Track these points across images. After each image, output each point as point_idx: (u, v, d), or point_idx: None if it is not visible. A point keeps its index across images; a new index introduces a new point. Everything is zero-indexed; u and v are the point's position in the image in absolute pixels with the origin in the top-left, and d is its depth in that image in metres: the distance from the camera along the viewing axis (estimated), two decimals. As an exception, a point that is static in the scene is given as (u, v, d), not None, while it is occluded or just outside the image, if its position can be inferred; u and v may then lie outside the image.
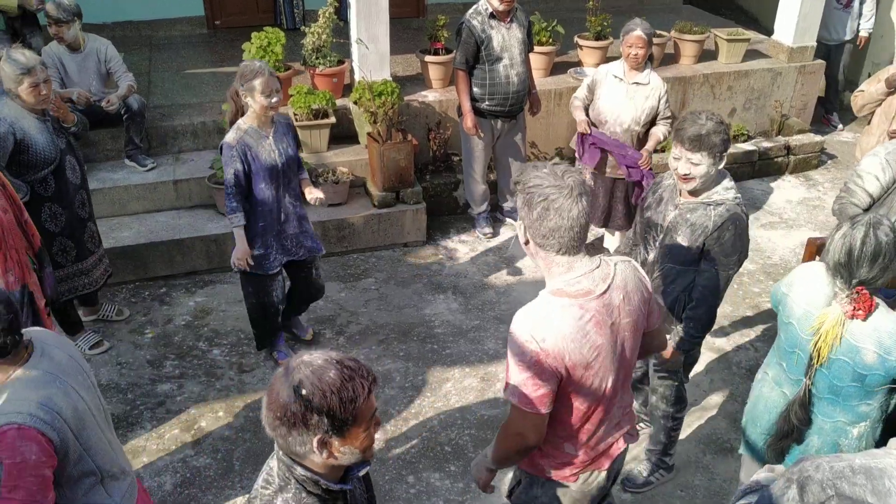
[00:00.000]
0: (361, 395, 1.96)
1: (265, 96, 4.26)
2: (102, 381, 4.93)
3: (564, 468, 2.73)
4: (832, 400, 2.97)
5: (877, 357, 2.78)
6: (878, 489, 1.69)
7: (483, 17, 5.80)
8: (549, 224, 2.39)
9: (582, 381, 2.48)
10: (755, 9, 11.37)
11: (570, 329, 2.40)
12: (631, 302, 2.54)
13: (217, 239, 5.95)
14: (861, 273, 2.74)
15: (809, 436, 3.10)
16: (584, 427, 2.63)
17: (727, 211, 3.45)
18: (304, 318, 5.52)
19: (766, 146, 7.77)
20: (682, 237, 3.51)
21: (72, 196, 4.72)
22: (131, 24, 8.58)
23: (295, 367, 1.94)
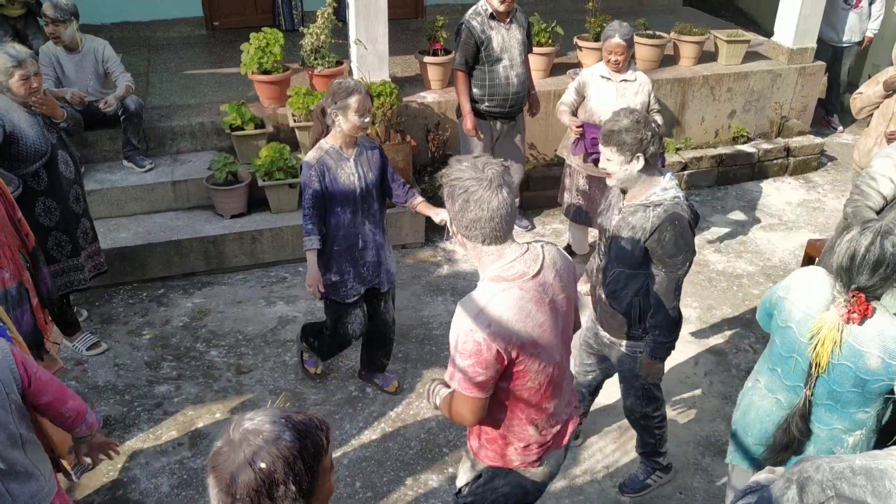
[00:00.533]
0: (322, 449, 1.82)
1: (359, 115, 4.03)
2: (99, 383, 4.91)
3: (530, 453, 2.82)
4: (830, 406, 2.94)
5: (881, 362, 2.74)
6: (879, 490, 1.68)
7: (483, 18, 5.79)
8: (469, 216, 2.48)
9: (532, 359, 2.58)
10: (755, 10, 11.36)
11: (514, 310, 2.50)
12: (562, 279, 2.67)
13: (215, 240, 5.94)
14: (861, 280, 2.71)
15: (805, 444, 3.06)
16: (543, 405, 2.73)
17: (664, 212, 3.39)
18: (303, 320, 5.51)
19: (766, 148, 7.77)
20: (625, 241, 3.50)
21: (66, 190, 4.71)
22: (130, 24, 8.58)
23: (241, 438, 1.74)
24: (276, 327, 5.46)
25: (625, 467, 4.41)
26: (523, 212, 6.78)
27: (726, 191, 7.49)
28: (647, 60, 7.66)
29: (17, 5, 6.33)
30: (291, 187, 6.14)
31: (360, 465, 4.37)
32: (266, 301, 5.75)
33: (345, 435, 4.57)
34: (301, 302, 5.73)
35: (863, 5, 8.21)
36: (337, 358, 5.15)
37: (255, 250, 6.08)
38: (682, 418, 4.75)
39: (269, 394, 4.86)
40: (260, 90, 6.71)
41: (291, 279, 6.00)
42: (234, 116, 6.27)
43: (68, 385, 4.83)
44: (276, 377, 5.00)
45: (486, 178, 2.45)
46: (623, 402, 4.09)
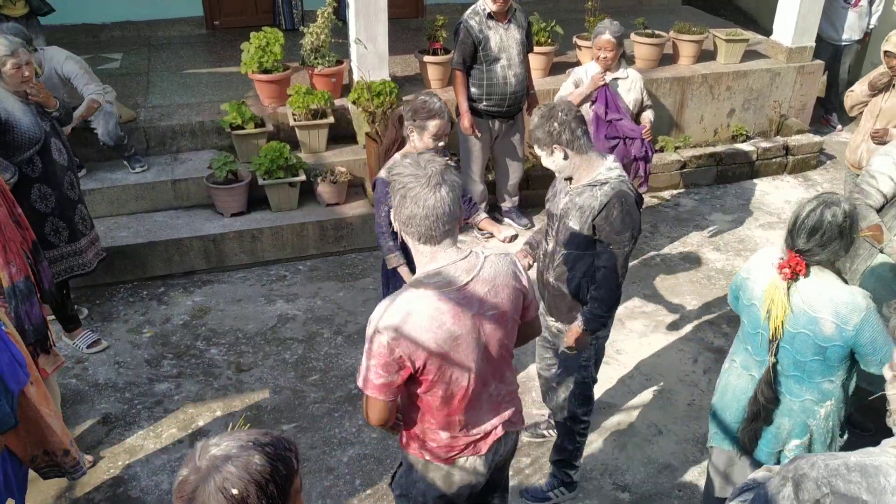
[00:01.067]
0: (293, 471, 1.77)
1: (434, 139, 3.91)
2: (100, 380, 4.93)
3: (440, 451, 2.78)
4: (798, 378, 3.07)
5: (835, 327, 2.89)
6: (874, 487, 1.69)
7: (481, 18, 5.80)
8: (406, 212, 2.43)
9: (442, 370, 2.54)
10: (754, 9, 11.37)
11: (425, 319, 2.46)
12: (498, 295, 2.58)
13: (215, 239, 5.96)
14: (799, 243, 2.91)
15: (779, 418, 3.18)
16: (454, 414, 2.69)
17: (612, 189, 3.39)
18: (302, 318, 5.53)
19: (765, 146, 7.78)
20: (574, 221, 3.48)
21: (60, 177, 4.77)
22: (130, 24, 8.59)
23: (209, 465, 1.69)
24: (276, 325, 5.47)
25: (623, 465, 4.42)
26: (522, 210, 6.80)
27: (725, 189, 7.50)
28: (646, 59, 7.67)
29: (20, 5, 6.34)
30: (291, 186, 6.16)
31: (360, 463, 4.38)
32: (266, 299, 5.76)
33: (344, 433, 4.58)
34: (301, 300, 5.75)
35: (862, 4, 8.21)
36: (337, 357, 5.16)
37: (256, 249, 6.09)
38: (682, 416, 4.77)
39: (269, 392, 4.87)
40: (260, 89, 6.72)
41: (291, 277, 6.02)
42: (234, 115, 6.28)
43: (69, 383, 4.86)
44: (276, 375, 5.01)
45: (426, 175, 2.41)
46: (556, 397, 4.02)
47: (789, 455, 3.23)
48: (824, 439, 3.19)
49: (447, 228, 2.47)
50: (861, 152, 5.35)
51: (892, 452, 1.85)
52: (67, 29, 8.21)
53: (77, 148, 6.27)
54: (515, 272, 2.68)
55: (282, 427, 4.61)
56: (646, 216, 6.98)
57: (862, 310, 2.88)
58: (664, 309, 5.72)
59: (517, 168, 6.46)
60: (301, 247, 6.20)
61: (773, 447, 3.25)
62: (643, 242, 6.53)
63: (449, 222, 2.46)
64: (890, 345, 2.87)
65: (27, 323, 3.73)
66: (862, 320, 2.88)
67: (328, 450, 4.47)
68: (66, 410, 4.59)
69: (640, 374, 5.11)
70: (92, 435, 4.54)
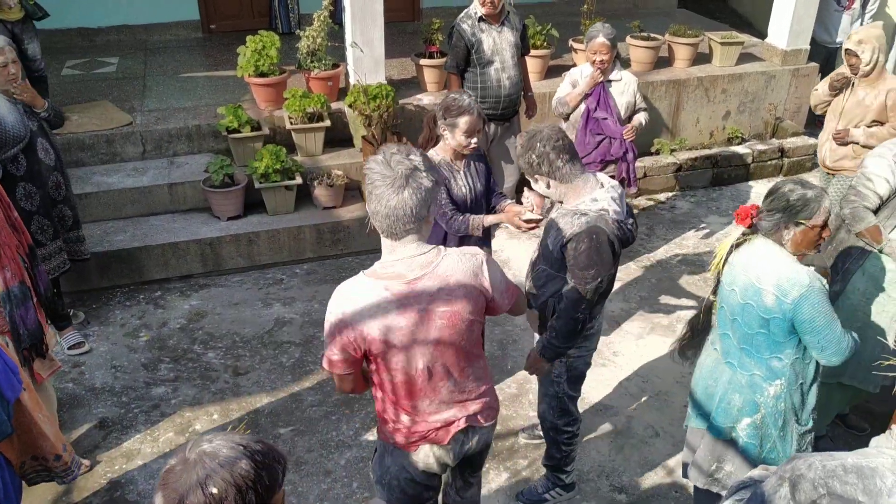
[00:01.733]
0: (277, 483, 1.76)
1: (466, 136, 3.92)
2: (97, 384, 4.93)
3: (403, 437, 2.90)
4: (747, 351, 3.22)
5: (774, 299, 3.03)
6: (870, 488, 1.70)
7: (473, 21, 5.81)
8: (371, 206, 2.61)
9: (388, 357, 2.69)
10: (749, 12, 11.40)
11: (370, 308, 2.61)
12: (452, 293, 2.67)
13: (212, 242, 5.96)
14: (763, 203, 3.20)
15: (730, 393, 3.33)
16: (412, 400, 2.82)
17: (586, 223, 3.31)
18: (299, 322, 5.53)
19: (761, 149, 7.80)
20: (550, 240, 3.47)
21: (45, 177, 4.82)
22: (127, 28, 8.58)
23: (196, 459, 1.68)
24: (273, 329, 5.47)
25: (620, 466, 4.43)
26: (519, 213, 6.79)
27: (721, 191, 7.52)
28: (641, 62, 7.69)
29: (15, 10, 6.33)
30: (288, 189, 6.16)
31: (357, 466, 4.38)
32: (263, 303, 5.76)
33: (342, 436, 4.58)
34: (298, 303, 5.75)
35: (855, 7, 8.24)
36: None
37: (252, 252, 6.09)
38: (678, 418, 4.77)
39: (267, 395, 4.87)
40: (256, 93, 6.73)
41: (288, 281, 6.02)
42: (230, 119, 6.28)
43: (65, 387, 4.86)
44: (274, 378, 5.01)
45: (392, 176, 2.52)
46: (537, 405, 4.04)
47: (742, 434, 3.36)
48: (775, 420, 3.28)
49: (408, 228, 2.60)
50: (825, 151, 5.46)
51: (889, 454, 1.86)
52: (63, 33, 8.21)
53: (74, 151, 6.29)
54: (477, 273, 2.73)
55: (279, 430, 4.61)
56: (642, 219, 7.00)
57: (803, 286, 2.99)
58: (660, 311, 5.73)
59: (513, 171, 6.46)
60: (298, 250, 6.21)
61: (725, 422, 3.38)
62: (639, 245, 6.55)
63: (410, 222, 2.58)
64: (833, 332, 3.03)
65: (22, 328, 3.72)
66: (801, 296, 2.99)
67: (325, 453, 4.47)
68: (62, 415, 4.59)
69: (636, 376, 5.12)
70: (89, 439, 4.54)
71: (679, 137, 7.82)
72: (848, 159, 5.33)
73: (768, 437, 3.33)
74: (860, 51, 5.09)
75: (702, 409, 3.54)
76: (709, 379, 3.46)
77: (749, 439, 3.35)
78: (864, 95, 5.25)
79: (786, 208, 3.08)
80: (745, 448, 3.38)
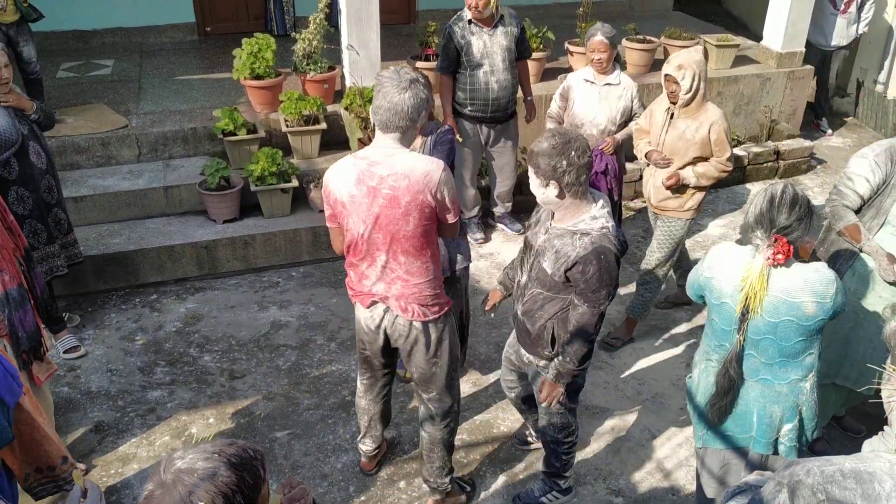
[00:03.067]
0: (260, 479, 1.77)
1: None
2: (92, 388, 4.91)
3: (350, 289, 3.66)
4: (783, 363, 3.19)
5: (816, 305, 3.05)
6: (868, 493, 1.70)
7: (464, 24, 5.82)
8: (375, 102, 3.24)
9: (341, 216, 3.40)
10: (744, 15, 11.43)
11: (339, 172, 3.34)
12: (397, 182, 3.22)
13: (208, 245, 5.95)
14: (781, 219, 3.01)
15: (770, 406, 3.27)
16: (355, 258, 3.50)
17: (591, 244, 3.23)
18: (296, 325, 5.53)
19: (756, 151, 7.80)
20: (547, 263, 3.36)
21: (38, 180, 4.82)
22: (122, 30, 8.58)
23: (174, 479, 1.68)
24: (269, 332, 5.47)
25: (617, 469, 4.43)
26: (515, 215, 6.80)
27: (717, 194, 7.52)
28: (637, 65, 7.70)
29: (10, 11, 6.32)
30: (284, 192, 6.16)
31: (354, 470, 4.37)
32: (259, 306, 5.76)
33: (338, 440, 4.58)
34: (294, 307, 5.74)
35: (851, 10, 8.26)
36: (331, 363, 5.16)
37: (248, 255, 6.08)
38: (675, 420, 4.78)
39: (263, 399, 4.87)
40: (252, 95, 6.72)
41: (284, 284, 6.01)
42: (226, 122, 6.28)
43: (61, 391, 4.85)
44: (270, 382, 5.01)
45: (399, 79, 3.22)
46: (538, 421, 4.00)
47: (784, 441, 3.33)
48: (812, 413, 3.31)
49: (399, 125, 3.23)
50: (650, 189, 5.15)
51: (885, 457, 1.86)
52: (58, 35, 8.21)
53: (69, 154, 6.28)
54: (428, 178, 3.24)
55: (275, 434, 4.60)
56: (637, 221, 7.01)
57: (832, 280, 3.08)
58: (656, 314, 5.73)
59: (510, 173, 6.47)
60: (294, 253, 6.20)
61: (769, 436, 3.34)
62: (634, 247, 6.55)
63: (403, 120, 3.21)
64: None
65: (21, 330, 3.71)
66: (836, 289, 3.07)
67: (322, 456, 4.46)
68: (58, 419, 4.57)
69: (633, 379, 5.12)
70: (84, 443, 4.53)
71: (675, 140, 7.83)
72: (673, 199, 5.05)
73: (807, 429, 3.36)
74: (680, 76, 4.66)
75: (718, 430, 3.43)
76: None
77: (790, 443, 3.33)
78: (684, 128, 4.84)
79: (810, 210, 3.07)
80: (789, 452, 3.36)
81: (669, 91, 4.79)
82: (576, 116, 5.50)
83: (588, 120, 5.47)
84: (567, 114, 5.57)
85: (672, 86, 4.74)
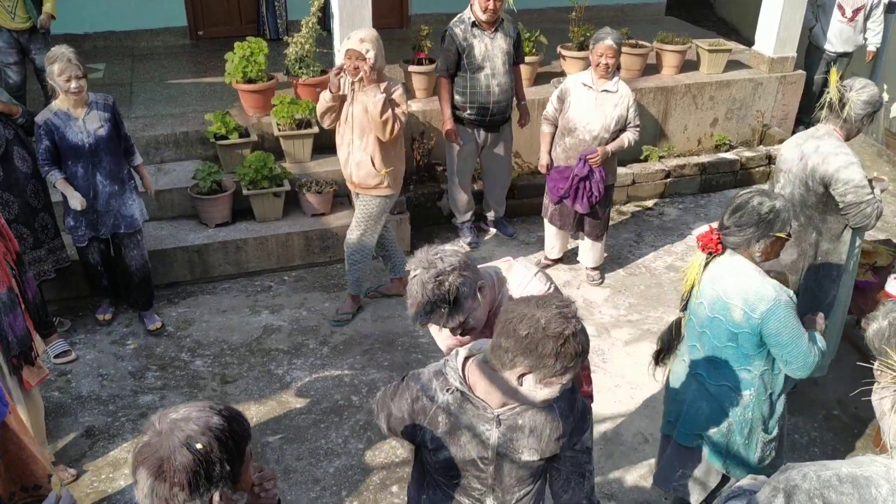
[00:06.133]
0: (247, 433, 1.92)
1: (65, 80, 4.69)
2: (83, 393, 4.89)
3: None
4: (716, 363, 3.25)
5: (742, 314, 3.06)
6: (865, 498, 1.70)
7: (466, 26, 5.81)
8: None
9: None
10: (736, 20, 11.46)
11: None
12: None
13: (199, 249, 5.92)
14: (724, 218, 3.15)
15: (698, 401, 3.39)
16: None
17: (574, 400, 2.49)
18: (288, 329, 5.51)
19: (748, 156, 7.82)
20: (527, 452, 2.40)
21: (23, 185, 4.86)
22: (113, 34, 8.55)
23: (169, 427, 1.79)
24: (260, 336, 5.45)
25: (610, 473, 4.42)
26: (508, 220, 6.80)
27: (709, 198, 7.53)
28: (629, 69, 7.71)
29: (20, 19, 6.28)
30: (276, 196, 6.14)
31: (347, 474, 4.36)
32: (251, 310, 5.73)
33: (330, 444, 4.56)
34: (286, 311, 5.72)
35: (858, 19, 8.29)
36: (323, 368, 5.15)
37: (240, 259, 6.06)
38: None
39: (255, 403, 4.84)
40: (244, 99, 6.70)
41: (276, 288, 5.99)
42: (218, 125, 6.26)
43: (51, 396, 4.82)
44: (262, 386, 4.99)
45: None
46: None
47: (708, 442, 3.43)
48: (741, 429, 3.32)
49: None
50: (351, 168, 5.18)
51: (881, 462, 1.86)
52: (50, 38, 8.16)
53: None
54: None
55: (268, 438, 4.58)
56: (630, 225, 7.01)
57: (769, 300, 3.02)
58: (649, 317, 5.73)
59: (504, 178, 6.47)
60: (286, 257, 6.18)
61: (691, 429, 3.45)
62: (628, 251, 6.55)
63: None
64: (798, 346, 3.05)
65: (10, 334, 3.69)
66: (768, 310, 3.02)
67: (314, 461, 4.44)
68: (49, 424, 4.54)
69: (626, 383, 5.12)
70: (75, 448, 4.50)
71: (667, 144, 7.84)
72: (372, 178, 5.14)
73: (733, 444, 3.37)
74: (364, 49, 4.71)
75: (670, 417, 3.61)
76: (677, 388, 3.52)
77: (714, 447, 3.39)
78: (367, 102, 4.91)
79: (759, 222, 3.07)
80: (709, 456, 3.43)
81: (354, 67, 4.79)
82: (570, 120, 5.50)
83: (582, 125, 5.46)
84: (562, 117, 5.57)
85: (357, 61, 4.75)
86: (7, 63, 6.37)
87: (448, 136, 6.07)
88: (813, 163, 4.16)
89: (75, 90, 4.68)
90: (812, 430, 4.74)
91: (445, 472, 2.47)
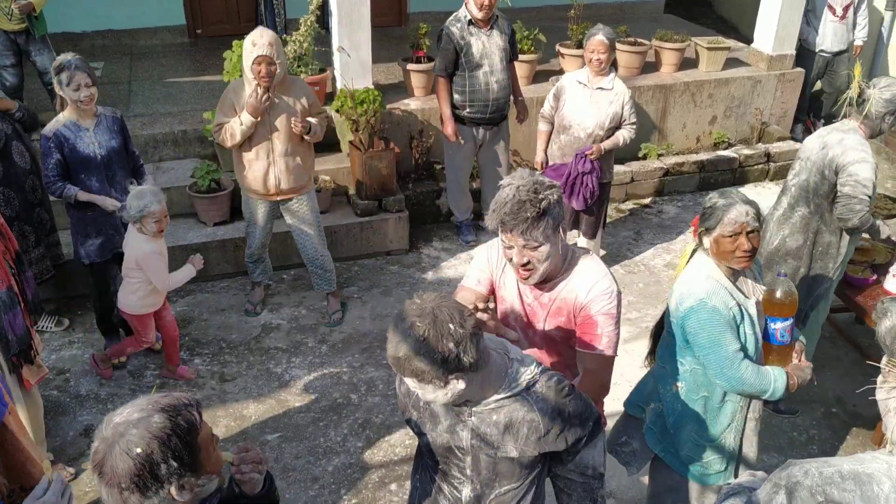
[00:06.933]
0: (196, 423, 1.90)
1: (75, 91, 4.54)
2: (82, 392, 4.88)
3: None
4: (664, 345, 3.31)
5: (674, 304, 3.12)
6: (867, 495, 1.69)
7: (462, 24, 5.81)
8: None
9: None
10: (735, 18, 11.45)
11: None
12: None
13: (198, 248, 5.90)
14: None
15: (649, 375, 3.52)
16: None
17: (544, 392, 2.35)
18: (286, 328, 5.50)
19: (747, 153, 7.82)
20: (509, 447, 2.37)
21: (22, 180, 4.86)
22: (112, 32, 8.54)
23: (113, 433, 1.82)
24: (259, 335, 5.44)
25: (609, 471, 4.40)
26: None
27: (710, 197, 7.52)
28: (628, 67, 7.70)
29: (15, 20, 6.26)
30: (275, 195, 6.13)
31: (346, 472, 4.35)
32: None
33: (329, 442, 4.56)
34: (285, 309, 5.72)
35: (849, 16, 8.29)
36: (322, 366, 5.14)
37: (239, 258, 6.05)
38: (667, 423, 4.77)
39: (253, 401, 4.84)
40: (243, 97, 6.69)
41: (275, 287, 5.99)
42: (216, 124, 6.24)
43: (50, 395, 4.81)
44: (261, 385, 4.98)
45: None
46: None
47: (647, 418, 3.47)
48: (673, 418, 3.31)
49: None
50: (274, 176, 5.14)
51: (883, 459, 1.85)
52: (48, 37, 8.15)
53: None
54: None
55: (266, 437, 4.57)
56: (629, 223, 7.01)
57: (695, 299, 3.02)
58: (648, 315, 5.73)
59: (503, 175, 6.45)
60: (285, 256, 6.17)
61: (637, 400, 3.55)
62: (626, 249, 6.55)
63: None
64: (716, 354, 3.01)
65: (10, 333, 3.68)
66: (690, 308, 3.02)
67: (313, 459, 4.44)
68: (47, 422, 4.53)
69: (624, 381, 5.10)
70: (74, 447, 4.49)
71: (666, 142, 7.84)
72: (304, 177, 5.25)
73: (665, 434, 3.38)
74: (274, 54, 4.69)
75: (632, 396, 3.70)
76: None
77: (651, 424, 3.44)
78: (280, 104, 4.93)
79: (702, 216, 3.13)
80: (647, 431, 3.47)
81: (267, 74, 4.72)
82: (564, 118, 5.50)
83: (576, 122, 5.46)
84: (557, 114, 5.57)
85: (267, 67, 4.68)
86: (3, 65, 6.35)
87: (450, 136, 6.06)
88: (833, 152, 4.19)
89: (86, 99, 4.50)
90: (811, 427, 4.74)
91: (431, 456, 2.53)
